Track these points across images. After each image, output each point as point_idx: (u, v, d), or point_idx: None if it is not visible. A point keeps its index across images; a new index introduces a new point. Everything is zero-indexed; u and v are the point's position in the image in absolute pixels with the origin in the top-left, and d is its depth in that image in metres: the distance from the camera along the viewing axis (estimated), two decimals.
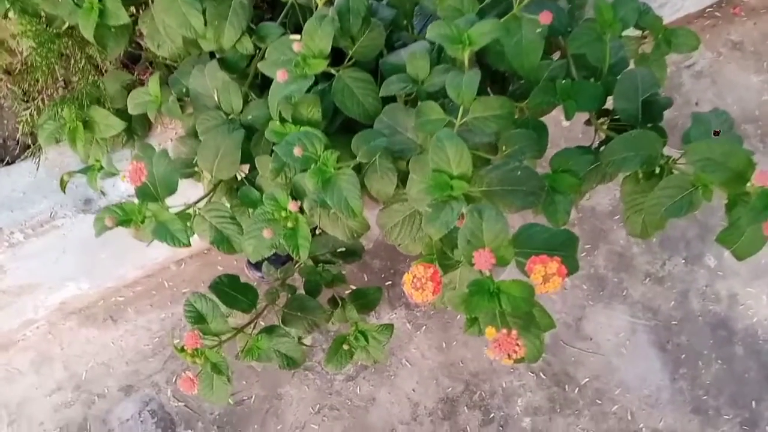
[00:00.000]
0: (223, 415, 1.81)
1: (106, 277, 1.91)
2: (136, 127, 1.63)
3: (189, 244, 1.02)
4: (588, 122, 1.30)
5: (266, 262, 1.48)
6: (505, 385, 1.84)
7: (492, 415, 1.82)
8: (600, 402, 1.83)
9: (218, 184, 1.25)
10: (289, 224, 1.01)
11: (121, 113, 1.60)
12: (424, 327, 1.90)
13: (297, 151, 0.91)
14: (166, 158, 1.07)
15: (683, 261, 1.97)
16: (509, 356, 0.78)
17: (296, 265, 1.43)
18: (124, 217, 1.02)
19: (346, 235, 1.15)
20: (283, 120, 1.10)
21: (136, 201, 1.04)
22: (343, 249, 1.42)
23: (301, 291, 1.43)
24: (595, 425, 1.82)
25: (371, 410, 1.82)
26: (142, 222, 1.01)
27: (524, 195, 1.01)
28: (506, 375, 1.85)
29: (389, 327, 1.41)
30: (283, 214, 1.01)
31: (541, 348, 0.82)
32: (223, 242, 1.12)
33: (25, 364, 1.86)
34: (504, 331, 0.78)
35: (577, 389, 1.84)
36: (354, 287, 1.89)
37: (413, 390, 1.84)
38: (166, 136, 1.67)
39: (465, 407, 1.83)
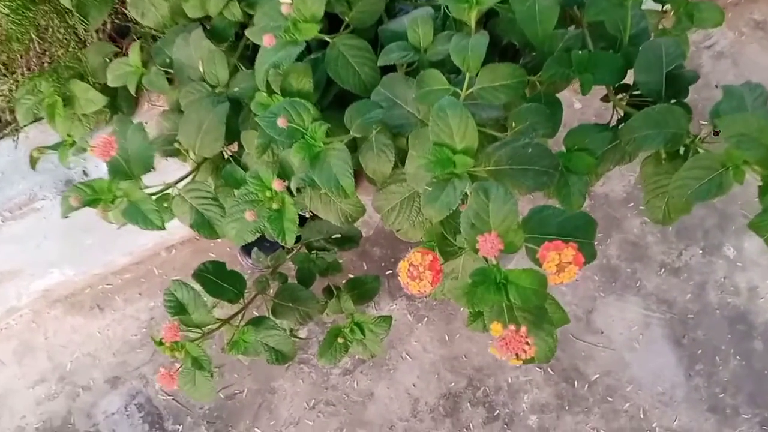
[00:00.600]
0: (214, 410, 1.73)
1: (93, 263, 1.82)
2: (121, 104, 1.53)
3: (162, 227, 0.92)
4: (605, 98, 1.20)
5: (256, 248, 1.39)
6: (511, 381, 1.75)
7: (497, 412, 1.73)
8: (611, 399, 1.74)
9: (202, 162, 1.15)
10: (274, 206, 0.91)
11: (106, 89, 1.50)
12: (425, 319, 1.80)
13: (281, 122, 0.81)
14: (141, 132, 0.97)
15: (701, 251, 1.86)
16: (517, 356, 0.69)
17: (288, 252, 1.33)
18: (92, 196, 0.92)
19: (340, 219, 1.06)
20: (270, 91, 1.00)
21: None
22: (339, 235, 1.32)
23: (294, 280, 1.33)
24: (605, 424, 1.72)
25: (369, 406, 1.72)
26: (112, 202, 0.92)
27: (536, 175, 0.92)
28: (512, 370, 1.75)
29: (388, 319, 1.31)
30: (268, 194, 0.92)
31: (554, 347, 0.73)
32: (204, 226, 1.03)
33: (8, 353, 1.78)
34: (512, 327, 0.68)
35: (586, 386, 1.74)
36: (352, 276, 1.80)
37: (413, 385, 1.75)
38: (154, 114, 1.57)
39: (468, 404, 1.73)
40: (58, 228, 1.60)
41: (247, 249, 1.80)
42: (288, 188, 1.01)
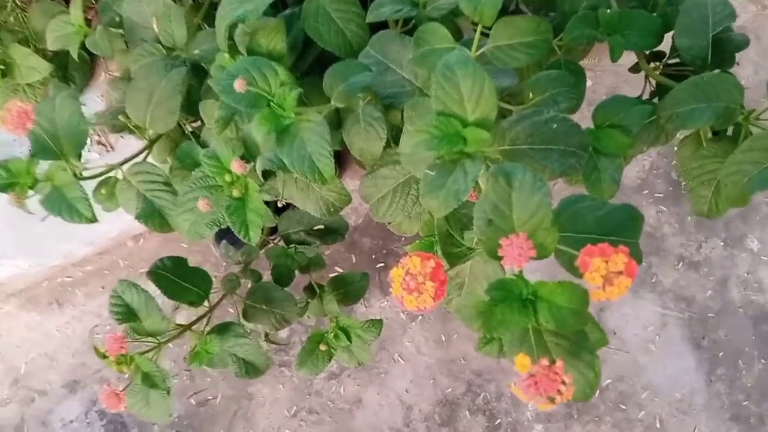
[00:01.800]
0: (184, 418, 1.55)
1: (50, 254, 1.63)
2: (73, 74, 1.34)
3: (92, 219, 0.74)
4: (634, 68, 1.02)
5: (224, 241, 1.20)
6: (519, 375, 1.58)
7: (498, 420, 1.56)
8: (624, 407, 1.57)
9: (156, 139, 0.97)
10: (235, 193, 0.73)
11: (57, 56, 1.31)
12: (420, 317, 1.63)
13: (238, 85, 0.63)
14: (72, 101, 0.78)
15: (722, 244, 1.70)
16: (551, 399, 0.51)
17: (262, 246, 1.15)
18: (7, 179, 0.74)
19: (320, 209, 0.88)
20: (235, 52, 0.81)
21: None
22: (322, 227, 1.14)
23: (270, 278, 1.15)
24: None
25: (357, 414, 1.55)
26: (32, 187, 0.73)
27: (562, 156, 0.74)
28: (515, 375, 1.58)
29: (377, 323, 1.14)
30: (227, 178, 0.73)
31: (595, 382, 0.55)
32: (152, 216, 0.85)
33: None
34: (543, 362, 0.50)
35: (597, 392, 1.58)
36: (341, 270, 1.63)
37: (406, 391, 1.58)
38: None
39: (467, 411, 1.57)
40: (5, 215, 1.41)
41: (222, 239, 1.62)
42: (256, 172, 0.83)
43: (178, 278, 1.02)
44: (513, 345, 0.53)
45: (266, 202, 1.14)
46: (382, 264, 1.68)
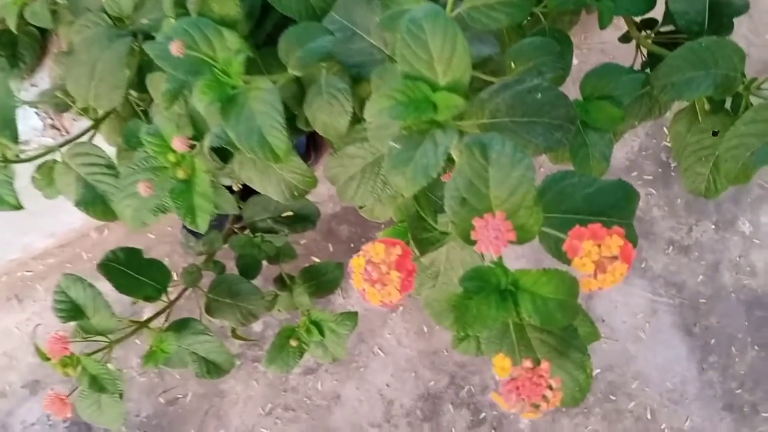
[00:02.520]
0: (152, 417, 1.47)
1: (8, 247, 1.54)
2: (23, 52, 1.25)
3: (17, 206, 0.66)
4: (624, 37, 0.94)
5: (184, 230, 1.12)
6: (499, 379, 1.51)
7: (483, 414, 1.50)
8: (614, 398, 1.51)
9: (103, 119, 0.88)
10: (180, 174, 0.65)
11: (4, 33, 1.22)
12: (400, 307, 1.56)
13: (175, 48, 0.54)
14: None
15: (713, 227, 1.64)
16: (535, 406, 0.44)
17: (228, 236, 1.07)
18: None
19: (283, 192, 0.80)
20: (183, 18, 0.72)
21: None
22: (290, 213, 1.06)
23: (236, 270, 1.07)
24: (608, 426, 1.50)
25: (335, 410, 1.48)
26: None
27: (547, 129, 0.67)
28: None
29: (351, 316, 1.06)
30: (171, 158, 0.65)
31: (587, 385, 0.48)
32: (94, 203, 0.77)
33: None
34: (526, 363, 0.43)
35: None
36: (318, 261, 1.55)
37: (387, 385, 1.50)
38: None
39: (450, 405, 1.50)
40: None
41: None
42: (222, 152, 0.75)
43: (132, 271, 0.94)
44: (491, 344, 0.46)
45: (230, 188, 1.06)
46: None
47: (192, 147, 0.62)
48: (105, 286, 0.91)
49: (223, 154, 0.86)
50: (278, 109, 0.56)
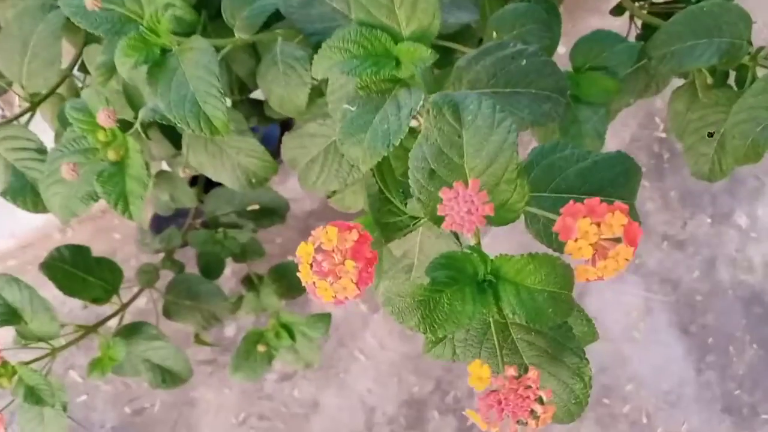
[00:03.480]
0: (118, 429, 1.38)
1: None
2: None
3: None
4: (617, 9, 0.87)
5: (142, 229, 1.03)
6: (477, 392, 1.43)
7: (470, 421, 1.41)
8: (607, 401, 1.43)
9: (41, 101, 0.79)
10: (111, 155, 0.56)
11: None
12: (382, 308, 1.47)
13: (89, 2, 0.46)
14: None
15: (709, 220, 1.57)
16: (521, 422, 0.36)
17: (186, 231, 0.98)
18: None
19: (238, 179, 0.71)
20: None
21: None
22: (257, 206, 0.97)
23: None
24: (601, 431, 1.42)
25: (313, 419, 1.39)
26: None
27: (533, 101, 0.60)
28: None
29: (324, 318, 0.98)
30: (101, 137, 0.56)
31: (586, 395, 0.39)
32: (23, 192, 0.68)
33: None
34: (510, 371, 0.34)
35: None
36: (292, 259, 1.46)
37: (369, 391, 1.42)
38: None
39: (435, 412, 1.41)
40: None
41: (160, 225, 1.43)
42: (163, 136, 0.66)
43: (79, 270, 0.85)
44: (469, 347, 0.38)
45: (195, 179, 0.97)
46: None
47: (120, 122, 0.54)
48: None
49: (174, 138, 0.78)
50: (214, 73, 0.47)
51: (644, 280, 1.52)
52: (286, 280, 1.02)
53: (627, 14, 0.86)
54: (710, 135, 0.73)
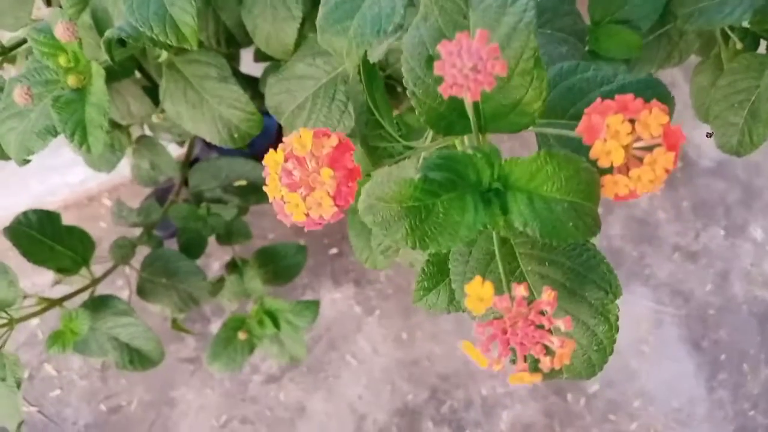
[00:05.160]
0: (91, 426, 1.29)
1: None
2: None
3: None
4: None
5: (118, 198, 0.96)
6: (486, 393, 1.35)
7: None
8: (613, 418, 1.35)
9: (16, 46, 0.73)
10: (71, 81, 0.50)
11: None
12: (378, 311, 1.40)
13: None
14: None
15: (722, 232, 1.50)
16: (529, 362, 0.28)
17: (166, 204, 0.91)
18: None
19: (219, 132, 0.65)
20: None
21: None
22: (243, 182, 0.90)
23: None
24: None
25: (299, 425, 1.31)
26: None
27: (548, 42, 0.54)
28: (487, 379, 1.35)
29: (311, 305, 0.90)
30: (63, 61, 0.50)
31: (612, 340, 0.32)
32: None
33: None
34: (519, 291, 0.27)
35: (583, 400, 1.35)
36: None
37: (359, 397, 1.33)
38: None
39: (430, 422, 1.33)
40: None
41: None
42: (109, 49, 0.60)
43: (46, 238, 0.78)
44: (468, 272, 0.30)
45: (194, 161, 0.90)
46: (336, 250, 1.45)
47: (79, 38, 0.47)
48: None
49: (156, 95, 0.72)
50: None
51: (654, 292, 1.45)
52: (273, 265, 0.95)
53: None
54: (709, 135, 0.66)
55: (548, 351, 0.27)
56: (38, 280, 1.17)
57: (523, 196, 0.29)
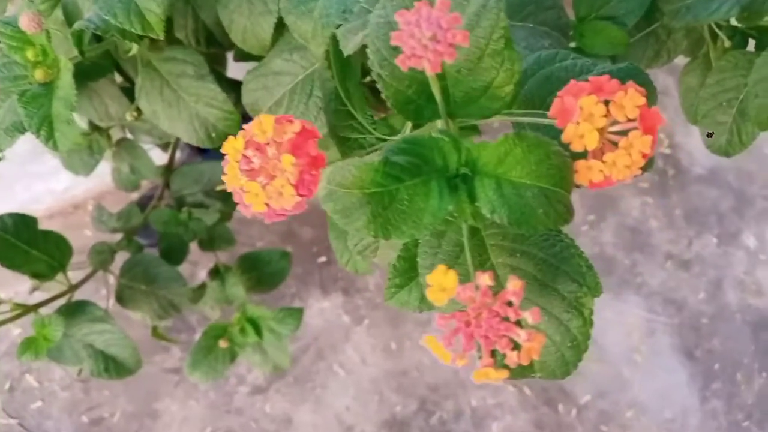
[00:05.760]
0: None
1: None
2: None
3: None
4: None
5: (98, 203, 0.94)
6: (476, 404, 1.32)
7: None
8: (605, 429, 1.33)
9: None
10: (38, 75, 0.48)
11: None
12: (366, 320, 1.38)
13: None
14: None
15: (715, 240, 1.48)
16: (496, 357, 0.27)
17: (147, 208, 0.89)
18: None
19: (195, 132, 0.64)
20: None
21: None
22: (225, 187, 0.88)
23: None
24: None
25: None
26: None
27: (530, 35, 0.53)
28: (477, 390, 1.33)
29: (295, 313, 0.88)
30: (31, 54, 0.48)
31: (586, 336, 0.31)
32: None
33: None
34: (483, 279, 0.25)
35: (574, 411, 1.33)
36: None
37: (347, 408, 1.31)
38: None
39: None
40: None
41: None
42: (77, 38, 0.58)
43: (20, 241, 0.76)
44: (436, 265, 0.29)
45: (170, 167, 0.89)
46: (324, 258, 1.43)
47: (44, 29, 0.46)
48: None
49: (133, 94, 0.70)
50: None
51: (646, 300, 1.43)
52: (257, 272, 0.93)
53: None
54: (709, 135, 0.65)
55: (515, 345, 0.25)
56: (22, 288, 1.15)
57: (491, 181, 0.27)
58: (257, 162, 0.31)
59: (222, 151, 0.33)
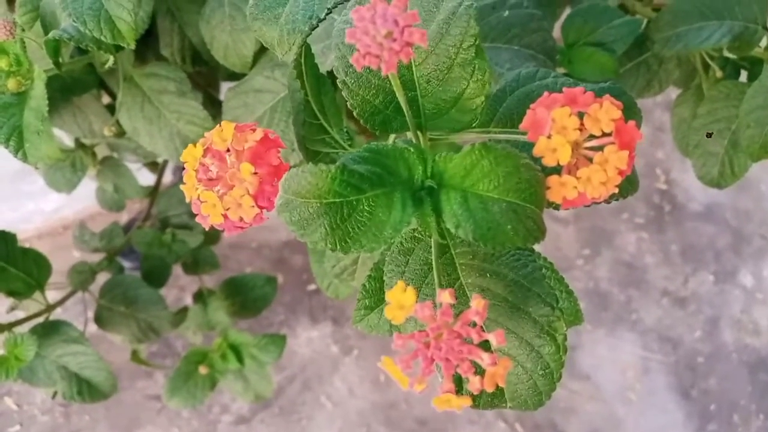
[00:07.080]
0: None
1: None
2: None
3: None
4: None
5: (80, 222, 0.93)
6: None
7: None
8: None
9: None
10: (11, 85, 0.47)
11: None
12: (355, 351, 1.35)
13: None
14: None
15: (712, 278, 1.46)
16: (458, 384, 0.25)
17: (132, 230, 0.88)
18: None
19: (176, 149, 0.63)
20: None
21: None
22: None
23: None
24: None
25: None
26: None
27: (515, 57, 0.51)
28: (467, 425, 1.29)
29: (277, 340, 0.86)
30: (4, 63, 0.47)
31: (559, 364, 0.29)
32: None
33: None
34: (445, 297, 0.24)
35: None
36: None
37: None
38: None
39: None
40: None
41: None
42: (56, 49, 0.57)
43: None
44: (393, 273, 0.27)
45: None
46: (314, 286, 1.41)
47: (14, 34, 0.45)
48: None
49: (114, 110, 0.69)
50: None
51: (641, 338, 1.40)
52: (241, 297, 0.91)
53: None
54: (708, 135, 0.64)
55: (479, 369, 0.24)
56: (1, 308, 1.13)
57: (457, 194, 0.26)
58: (215, 170, 0.30)
59: (181, 158, 0.31)
